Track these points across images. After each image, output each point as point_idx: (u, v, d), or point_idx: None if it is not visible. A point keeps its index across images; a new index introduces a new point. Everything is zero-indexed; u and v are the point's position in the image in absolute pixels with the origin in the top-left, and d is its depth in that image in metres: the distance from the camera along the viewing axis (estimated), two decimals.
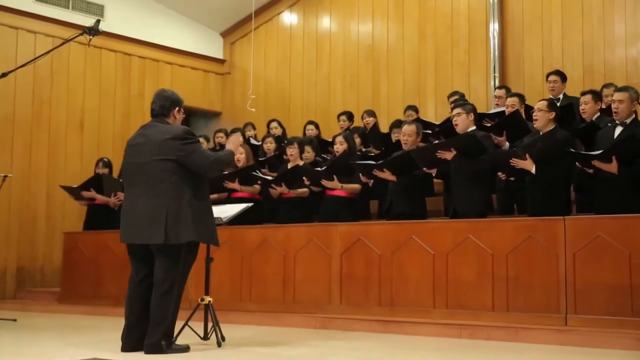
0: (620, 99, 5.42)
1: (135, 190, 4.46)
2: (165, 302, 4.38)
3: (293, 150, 7.34)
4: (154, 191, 4.37)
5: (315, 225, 6.73)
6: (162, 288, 4.38)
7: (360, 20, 10.98)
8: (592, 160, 5.25)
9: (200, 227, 4.42)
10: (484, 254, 5.43)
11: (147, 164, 4.42)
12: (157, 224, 4.31)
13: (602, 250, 4.96)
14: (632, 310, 4.79)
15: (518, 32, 9.51)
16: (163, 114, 4.59)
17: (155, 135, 4.47)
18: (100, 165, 8.57)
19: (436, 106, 9.89)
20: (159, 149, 4.40)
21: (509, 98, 7.10)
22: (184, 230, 4.35)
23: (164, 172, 4.38)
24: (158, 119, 4.59)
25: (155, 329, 4.35)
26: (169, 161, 4.39)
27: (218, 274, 6.50)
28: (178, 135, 4.44)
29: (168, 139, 4.42)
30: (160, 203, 4.34)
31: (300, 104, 11.40)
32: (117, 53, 10.81)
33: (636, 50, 8.62)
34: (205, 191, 4.60)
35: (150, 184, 4.39)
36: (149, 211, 4.35)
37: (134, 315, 4.49)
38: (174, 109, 4.63)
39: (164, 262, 4.38)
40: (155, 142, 4.43)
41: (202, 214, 4.48)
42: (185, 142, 4.43)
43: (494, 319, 5.30)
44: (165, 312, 4.38)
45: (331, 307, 6.14)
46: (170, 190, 4.36)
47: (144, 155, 4.45)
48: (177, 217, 4.33)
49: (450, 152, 5.85)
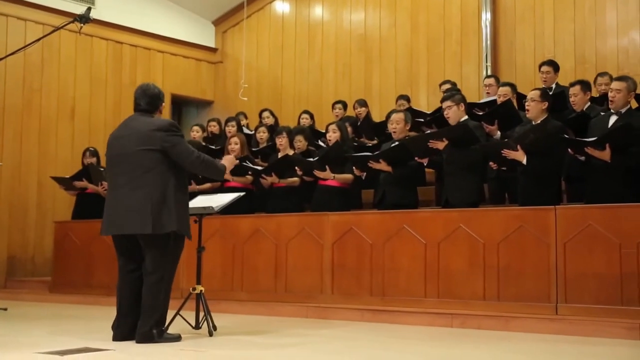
0: (618, 89, 5.41)
1: (119, 181, 4.46)
2: (155, 291, 4.38)
3: (282, 140, 7.33)
4: (139, 181, 4.37)
5: (307, 214, 6.73)
6: (152, 278, 4.38)
7: (352, 9, 10.94)
8: (585, 147, 5.25)
9: (180, 217, 4.44)
10: (476, 244, 5.45)
11: (132, 155, 4.42)
12: (144, 214, 4.31)
13: (592, 240, 4.98)
14: (622, 299, 4.82)
15: (510, 22, 9.50)
16: (150, 110, 4.61)
17: (140, 126, 4.49)
18: (87, 155, 8.53)
19: (428, 95, 9.89)
20: (144, 140, 4.41)
21: (501, 87, 7.09)
22: (168, 220, 4.36)
23: (149, 162, 4.39)
24: (142, 114, 4.59)
25: (146, 318, 4.36)
26: (154, 151, 4.40)
27: (210, 264, 6.50)
28: (163, 126, 4.45)
29: (153, 129, 4.43)
30: (145, 193, 4.34)
31: (293, 93, 11.37)
32: (108, 41, 10.74)
33: (628, 40, 8.63)
34: (185, 183, 4.62)
35: (134, 174, 4.39)
36: (135, 201, 4.35)
37: (125, 304, 4.49)
38: (160, 105, 4.68)
39: (152, 253, 4.38)
40: (141, 133, 4.44)
41: (183, 205, 4.51)
42: (170, 133, 4.44)
43: (485, 308, 5.32)
44: (156, 301, 4.38)
45: (323, 297, 6.15)
46: (155, 180, 4.37)
47: (128, 146, 4.45)
48: (162, 207, 4.34)
49: (442, 141, 5.85)
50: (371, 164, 6.30)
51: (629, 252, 4.83)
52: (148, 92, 4.64)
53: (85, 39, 10.21)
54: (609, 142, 5.14)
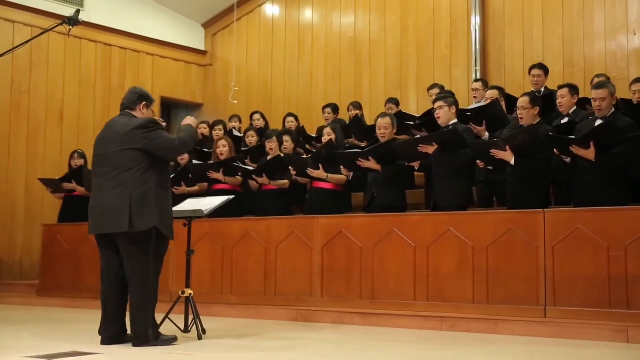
0: (602, 97, 5.42)
1: (100, 180, 4.49)
2: (143, 292, 4.36)
3: (272, 144, 7.36)
4: (118, 180, 4.39)
5: (297, 217, 6.73)
6: (136, 279, 4.37)
7: (342, 12, 10.96)
8: (570, 146, 5.27)
9: (162, 215, 4.43)
10: (465, 247, 5.46)
11: (112, 155, 4.45)
12: (122, 213, 4.31)
13: (581, 243, 5.00)
14: (610, 302, 4.84)
15: (499, 26, 9.54)
16: (130, 107, 4.66)
17: (119, 127, 4.52)
18: (75, 156, 8.49)
19: (418, 99, 9.92)
20: (124, 140, 4.44)
21: (489, 91, 7.12)
22: (149, 217, 4.35)
23: (128, 161, 4.40)
24: (124, 113, 4.64)
25: (138, 321, 4.34)
26: (134, 150, 4.42)
27: (199, 267, 6.49)
28: (141, 124, 4.48)
29: (132, 129, 4.45)
30: (124, 191, 4.35)
31: (282, 96, 11.37)
32: (97, 43, 10.71)
33: (615, 44, 8.68)
34: (168, 181, 4.64)
35: (114, 173, 4.41)
36: (113, 200, 4.36)
37: (110, 308, 4.48)
38: (140, 103, 4.67)
39: (132, 253, 4.37)
40: (120, 133, 4.47)
41: (165, 203, 4.51)
42: (148, 130, 4.46)
43: (474, 311, 5.33)
44: (144, 303, 4.36)
45: (312, 300, 6.15)
46: (135, 178, 4.38)
47: (109, 146, 4.49)
48: (142, 204, 4.34)
49: (432, 146, 5.86)
50: (360, 162, 6.29)
51: (617, 255, 4.85)
52: (131, 90, 4.75)
53: (74, 41, 10.18)
54: (593, 140, 5.16)
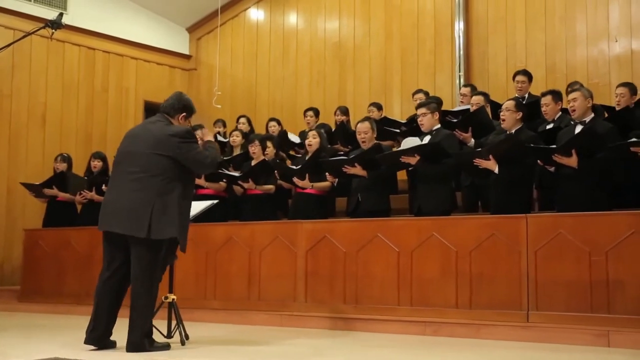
0: (574, 98, 5.57)
1: (124, 179, 4.42)
2: (145, 300, 4.34)
3: (255, 148, 7.35)
4: (144, 184, 4.34)
5: (281, 222, 6.73)
6: (141, 285, 4.32)
7: (327, 17, 10.99)
8: (553, 155, 5.32)
9: (181, 226, 4.41)
10: (448, 252, 5.48)
11: (142, 156, 4.40)
12: (142, 218, 4.27)
13: (563, 248, 5.04)
14: (592, 306, 4.88)
15: (483, 32, 9.61)
16: (169, 113, 4.62)
17: (155, 130, 4.48)
18: (59, 160, 8.41)
19: (402, 104, 9.96)
20: (157, 144, 4.40)
21: (474, 96, 7.16)
22: (167, 227, 4.32)
23: (157, 167, 4.36)
24: (162, 116, 4.60)
25: (136, 327, 4.31)
26: (165, 157, 4.38)
27: (182, 272, 6.46)
28: (178, 133, 4.45)
29: (168, 135, 4.42)
30: (148, 197, 4.30)
31: (267, 100, 11.37)
32: (80, 47, 10.66)
33: (597, 50, 8.77)
34: (191, 190, 4.63)
35: (140, 175, 4.36)
36: (135, 203, 4.31)
37: (103, 309, 4.43)
38: (180, 113, 4.65)
39: (143, 258, 4.32)
40: (155, 136, 4.43)
41: (186, 215, 4.49)
42: (184, 140, 4.44)
43: (458, 316, 5.35)
44: (144, 310, 4.34)
45: (296, 305, 6.14)
46: (161, 185, 4.34)
47: (140, 146, 4.43)
48: (163, 213, 4.30)
49: (414, 157, 5.88)
50: (346, 169, 6.30)
51: (598, 260, 4.89)
52: (177, 96, 4.72)
53: (57, 44, 10.11)
54: (575, 147, 5.21)
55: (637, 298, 4.73)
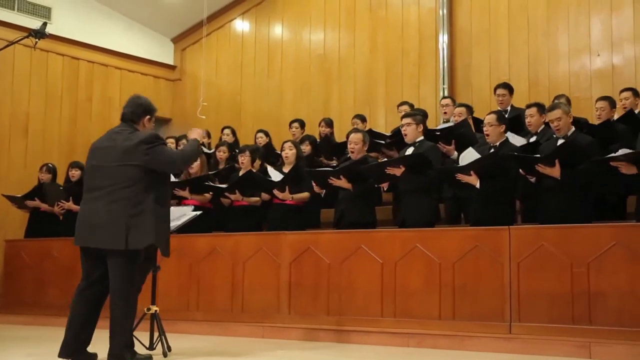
0: (558, 117, 5.56)
1: (97, 193, 4.37)
2: (124, 311, 4.28)
3: (245, 159, 7.32)
4: (116, 196, 4.29)
5: (265, 234, 6.71)
6: (119, 297, 4.27)
7: (312, 29, 11.03)
8: (536, 165, 5.36)
9: (158, 232, 4.36)
10: (432, 263, 5.49)
11: (112, 169, 4.35)
12: (117, 230, 4.22)
13: (545, 260, 5.07)
14: (573, 318, 4.90)
15: (466, 45, 9.69)
16: (133, 119, 4.57)
17: (122, 140, 4.42)
18: (44, 170, 8.35)
19: (386, 116, 10.00)
20: (125, 155, 4.35)
21: (457, 108, 7.21)
22: (144, 235, 4.27)
23: (128, 178, 4.31)
24: (127, 124, 4.54)
25: (117, 339, 4.25)
26: (135, 167, 4.33)
27: (165, 283, 6.43)
28: (145, 139, 4.40)
29: (135, 144, 4.36)
30: (121, 208, 4.26)
31: (252, 111, 11.37)
32: (64, 57, 10.60)
33: (579, 65, 8.87)
34: (167, 198, 4.57)
35: (113, 188, 4.31)
36: (110, 216, 4.26)
37: (78, 320, 4.38)
38: (144, 117, 4.60)
39: (120, 270, 4.27)
40: (122, 147, 4.38)
41: (162, 221, 4.44)
42: (151, 145, 4.38)
43: (441, 328, 5.36)
44: (124, 321, 4.29)
45: (279, 316, 6.12)
46: (133, 196, 4.29)
47: (109, 159, 4.38)
48: (138, 223, 4.26)
49: (399, 168, 5.90)
50: (331, 181, 6.31)
51: (580, 271, 4.92)
52: (134, 101, 4.63)
53: (41, 54, 10.06)
54: (558, 158, 5.26)
55: (618, 309, 4.77)
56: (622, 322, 4.74)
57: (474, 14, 9.69)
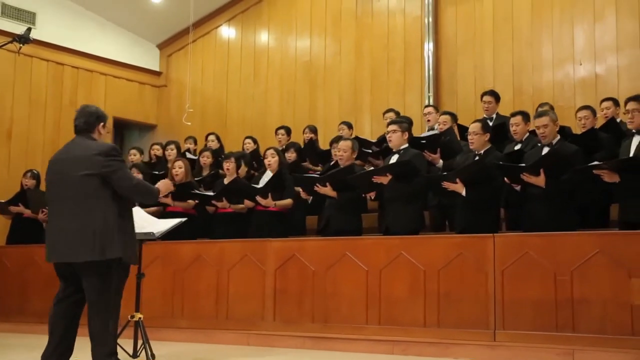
0: (545, 124, 5.61)
1: (61, 206, 4.31)
2: (104, 320, 4.23)
3: (230, 165, 7.30)
4: (81, 207, 4.23)
5: (250, 240, 6.68)
6: (97, 308, 4.21)
7: (298, 36, 11.05)
8: (521, 174, 5.40)
9: (124, 244, 4.29)
10: (417, 271, 5.50)
11: (73, 180, 4.27)
12: (86, 241, 4.16)
13: (529, 267, 5.09)
14: (557, 325, 4.93)
15: (452, 53, 9.74)
16: (88, 129, 4.48)
17: (80, 151, 4.36)
18: (28, 176, 8.29)
19: (372, 123, 10.03)
20: (85, 165, 4.27)
21: (442, 116, 7.24)
22: (111, 246, 4.21)
23: (90, 188, 4.25)
24: (83, 135, 4.48)
25: (99, 349, 4.21)
26: (95, 176, 4.26)
27: (149, 290, 6.39)
28: (103, 151, 4.32)
29: (93, 154, 4.29)
30: (88, 219, 4.20)
31: (237, 118, 11.37)
32: (49, 62, 10.56)
33: (563, 74, 8.95)
34: (129, 209, 4.48)
35: (76, 199, 4.24)
36: (77, 228, 4.20)
37: (57, 332, 4.34)
38: (98, 124, 4.53)
39: (94, 281, 4.22)
40: (81, 157, 4.31)
41: (127, 231, 4.37)
42: (110, 158, 4.31)
43: (426, 335, 5.36)
44: (105, 331, 4.24)
45: (264, 324, 6.10)
46: (98, 206, 4.23)
47: (69, 171, 4.31)
48: (105, 233, 4.20)
49: (386, 177, 5.92)
50: (317, 188, 6.31)
51: (564, 279, 4.95)
52: (84, 111, 4.55)
53: (25, 59, 10.00)
54: (543, 167, 5.30)
55: (601, 317, 4.80)
56: (605, 329, 4.77)
57: (459, 22, 9.76)
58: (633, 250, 4.78)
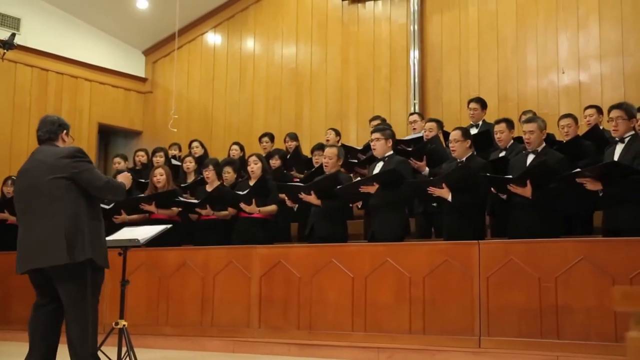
0: (531, 130, 5.64)
1: (31, 214, 4.24)
2: (83, 326, 4.19)
3: (209, 173, 7.28)
4: (51, 211, 4.17)
5: (235, 247, 6.66)
6: (74, 314, 4.17)
7: (284, 43, 11.06)
8: (507, 185, 5.43)
9: (95, 246, 4.24)
10: (402, 277, 5.51)
11: (42, 185, 4.22)
12: (55, 245, 4.10)
13: (514, 274, 5.11)
14: (542, 331, 4.95)
15: (437, 61, 9.79)
16: (51, 138, 4.43)
17: (46, 157, 4.30)
18: (9, 183, 8.21)
19: (358, 130, 10.05)
20: (52, 169, 4.23)
21: (428, 123, 7.26)
22: (83, 248, 4.15)
23: (58, 190, 4.20)
24: (46, 144, 4.42)
25: (79, 356, 4.17)
26: (64, 179, 4.21)
27: (134, 297, 6.35)
28: (69, 153, 4.29)
29: (60, 157, 4.26)
30: (58, 223, 4.14)
31: (223, 124, 11.35)
32: (33, 68, 10.49)
33: (547, 81, 9.02)
34: (99, 210, 4.43)
35: (46, 204, 4.19)
36: (46, 232, 4.14)
37: (37, 339, 4.29)
38: (61, 132, 4.47)
39: (68, 287, 4.17)
40: (47, 163, 4.26)
41: (97, 233, 4.32)
42: (77, 159, 4.27)
43: (411, 342, 5.37)
44: (83, 338, 4.20)
45: (249, 331, 6.08)
46: (68, 208, 4.18)
47: (36, 177, 4.25)
48: (76, 236, 4.15)
49: (372, 186, 5.93)
50: (302, 196, 6.31)
51: (548, 286, 4.97)
52: (45, 121, 4.48)
53: (9, 65, 9.93)
54: (530, 179, 5.32)
55: (585, 323, 4.82)
56: (589, 336, 4.79)
57: (444, 30, 9.81)
58: (616, 257, 4.81)
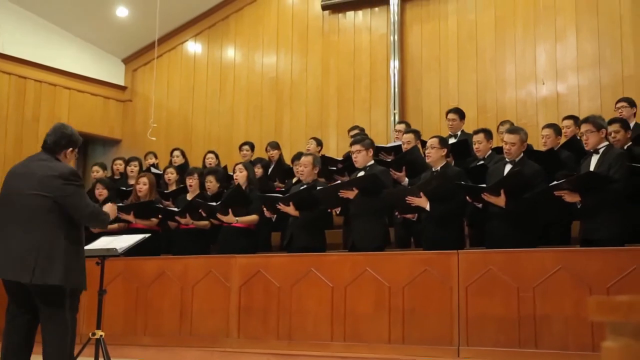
0: (513, 142, 5.65)
1: (10, 222, 4.17)
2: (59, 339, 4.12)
3: (193, 181, 7.25)
4: (29, 227, 4.09)
5: (214, 257, 6.63)
6: (52, 325, 4.10)
7: (264, 52, 11.07)
8: (482, 194, 5.46)
9: (70, 272, 4.13)
10: (381, 287, 5.51)
11: (26, 197, 4.15)
12: (27, 263, 4.02)
13: (492, 284, 5.14)
14: (520, 341, 4.97)
15: (417, 71, 9.85)
16: (54, 149, 4.34)
17: (39, 169, 4.22)
18: None
19: (338, 140, 10.07)
20: (40, 184, 4.15)
21: (405, 134, 7.29)
22: (51, 273, 4.05)
23: (41, 209, 4.11)
24: (47, 153, 4.34)
25: None
26: (48, 198, 4.13)
27: (111, 307, 6.29)
28: (62, 174, 4.20)
29: (51, 175, 4.17)
30: (33, 240, 4.06)
31: (203, 133, 11.31)
32: (11, 75, 10.39)
33: (525, 92, 9.11)
34: (80, 234, 4.33)
35: (25, 218, 4.11)
36: (21, 247, 4.06)
37: (11, 350, 4.22)
38: (67, 149, 4.38)
39: (44, 303, 4.11)
40: (37, 176, 4.18)
41: (74, 258, 4.21)
42: (67, 182, 4.18)
43: (390, 351, 5.37)
44: (61, 350, 4.13)
45: (229, 341, 6.05)
46: (46, 228, 4.09)
47: (23, 187, 4.18)
48: (47, 258, 4.05)
49: (352, 191, 5.93)
50: (280, 207, 6.30)
51: (526, 295, 5.00)
52: (58, 131, 4.38)
53: None
54: (504, 188, 5.36)
55: (562, 333, 4.85)
56: (567, 345, 4.82)
57: (424, 41, 9.88)
58: (594, 266, 4.86)
